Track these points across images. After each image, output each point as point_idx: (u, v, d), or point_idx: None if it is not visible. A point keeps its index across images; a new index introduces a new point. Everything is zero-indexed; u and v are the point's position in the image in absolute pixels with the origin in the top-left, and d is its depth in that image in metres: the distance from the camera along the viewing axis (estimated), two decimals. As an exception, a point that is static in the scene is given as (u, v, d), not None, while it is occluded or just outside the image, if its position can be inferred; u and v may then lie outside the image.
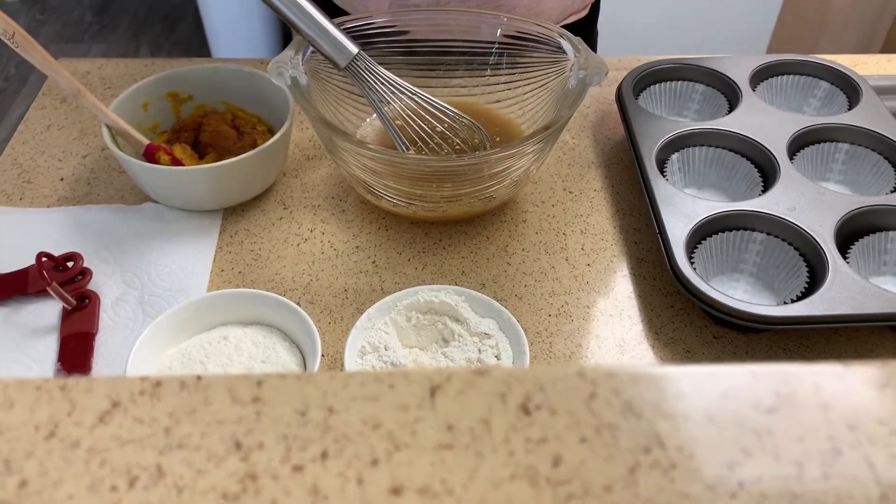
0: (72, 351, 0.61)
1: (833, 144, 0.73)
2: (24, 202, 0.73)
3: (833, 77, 0.80)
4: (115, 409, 0.22)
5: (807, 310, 0.57)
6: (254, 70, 0.75)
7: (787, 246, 0.64)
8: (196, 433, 0.21)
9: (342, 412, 0.22)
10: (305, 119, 0.82)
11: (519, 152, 0.63)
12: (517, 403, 0.22)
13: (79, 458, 0.21)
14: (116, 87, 0.86)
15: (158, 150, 0.70)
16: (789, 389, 0.22)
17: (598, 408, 0.22)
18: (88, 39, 2.47)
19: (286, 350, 0.58)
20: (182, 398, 0.22)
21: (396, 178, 0.65)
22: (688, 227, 0.63)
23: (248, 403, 0.22)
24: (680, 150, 0.73)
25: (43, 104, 0.84)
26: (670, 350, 0.61)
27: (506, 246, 0.70)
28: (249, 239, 0.70)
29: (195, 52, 2.40)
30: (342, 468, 0.21)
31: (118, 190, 0.74)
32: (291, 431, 0.21)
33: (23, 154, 0.78)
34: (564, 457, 0.21)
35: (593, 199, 0.74)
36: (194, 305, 0.59)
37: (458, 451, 0.21)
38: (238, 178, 0.69)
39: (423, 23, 0.75)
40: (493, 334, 0.58)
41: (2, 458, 0.21)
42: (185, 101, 0.76)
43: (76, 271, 0.65)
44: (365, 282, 0.66)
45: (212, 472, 0.21)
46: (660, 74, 0.81)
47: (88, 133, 0.80)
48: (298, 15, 0.62)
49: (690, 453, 0.21)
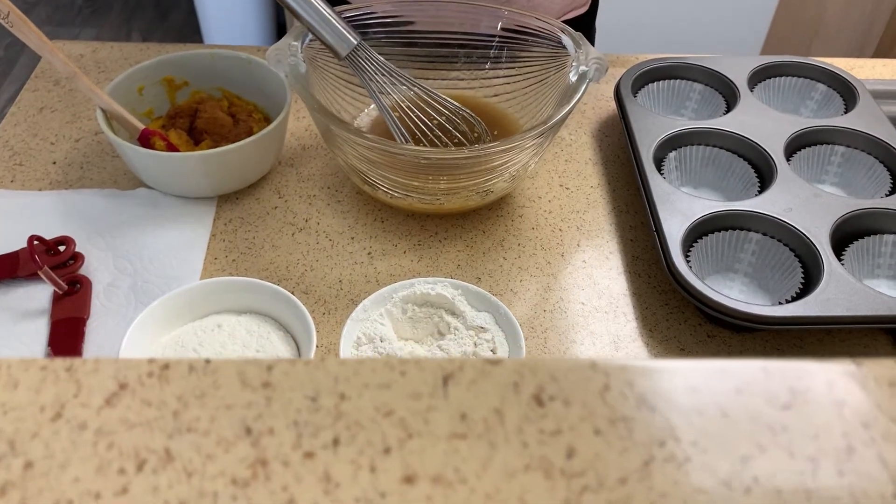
0: (62, 336, 0.60)
1: (829, 147, 0.73)
2: (15, 185, 0.72)
3: (830, 80, 0.80)
4: (122, 391, 0.21)
5: (801, 310, 0.58)
6: (251, 57, 0.74)
7: (782, 247, 0.64)
8: (205, 417, 0.21)
9: (354, 399, 0.22)
10: (302, 108, 0.82)
11: (518, 147, 0.63)
12: (530, 394, 0.22)
13: (86, 441, 0.20)
14: (111, 70, 0.85)
15: (154, 135, 0.69)
16: (803, 386, 0.22)
17: (612, 400, 0.22)
18: (80, 24, 2.44)
19: (280, 339, 0.58)
20: (191, 381, 0.22)
21: (393, 170, 0.65)
22: (684, 226, 0.63)
23: (258, 388, 0.22)
24: (677, 149, 0.73)
25: (36, 86, 0.83)
26: (664, 347, 0.61)
27: (502, 240, 0.70)
28: (244, 227, 0.69)
29: (188, 39, 2.38)
30: (354, 455, 0.20)
31: (111, 174, 0.73)
32: (302, 417, 0.21)
33: (14, 136, 0.77)
34: (578, 448, 0.21)
35: (590, 195, 0.74)
36: (188, 293, 0.58)
37: (471, 440, 0.21)
38: (233, 166, 0.68)
39: (424, 14, 0.74)
40: (489, 328, 0.58)
41: (6, 439, 0.20)
42: (181, 87, 0.76)
43: (68, 255, 0.65)
44: (360, 273, 0.66)
45: (221, 457, 0.20)
46: (658, 73, 0.81)
47: (81, 117, 0.79)
48: (300, 2, 0.62)
49: (705, 447, 0.21)
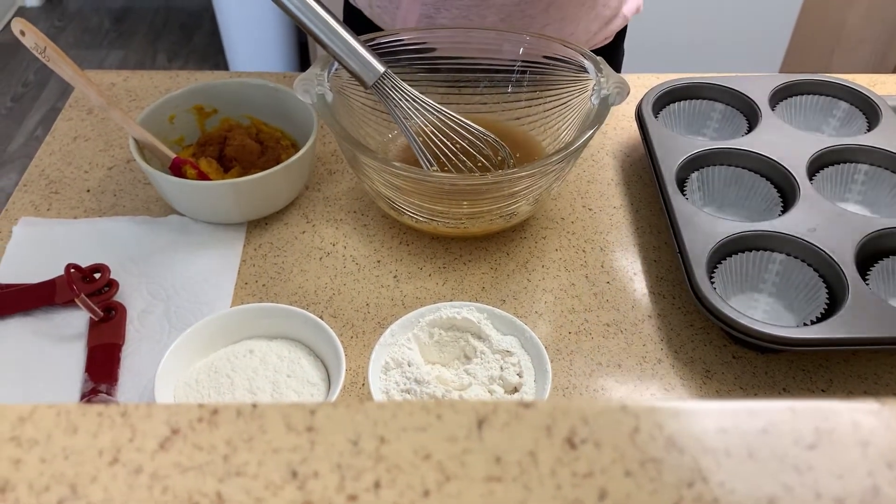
0: (99, 361, 0.62)
1: (853, 165, 0.73)
2: (51, 213, 0.74)
3: (852, 97, 0.80)
4: (174, 436, 0.23)
5: (827, 332, 0.58)
6: (278, 85, 0.76)
7: (806, 267, 0.64)
8: (253, 461, 0.22)
9: (393, 442, 0.23)
10: (328, 133, 0.83)
11: (541, 171, 0.64)
12: (563, 437, 0.23)
13: (142, 484, 0.21)
14: (141, 98, 0.87)
15: (185, 163, 0.71)
16: (828, 426, 0.23)
17: (641, 442, 0.23)
18: (107, 46, 2.49)
19: (311, 364, 0.59)
20: (238, 426, 0.23)
21: (419, 195, 0.66)
22: (708, 247, 0.64)
23: (302, 432, 0.23)
24: (699, 169, 0.73)
25: (70, 115, 0.85)
26: (689, 369, 0.62)
27: (526, 262, 0.70)
28: (273, 252, 0.71)
29: (211, 60, 2.42)
30: (395, 498, 0.21)
31: (143, 202, 0.75)
32: (345, 460, 0.22)
33: (50, 165, 0.79)
34: (610, 490, 0.22)
35: (613, 216, 0.75)
36: (221, 319, 0.60)
37: (506, 483, 0.22)
38: (263, 193, 0.70)
39: (448, 40, 0.76)
40: (514, 352, 0.59)
41: (68, 483, 0.22)
42: (210, 115, 0.77)
43: (103, 283, 0.66)
44: (386, 296, 0.67)
45: (270, 500, 0.21)
46: (679, 93, 0.81)
47: (114, 145, 0.82)
48: (327, 33, 0.63)
49: (732, 488, 0.22)
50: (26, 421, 0.23)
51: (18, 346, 0.63)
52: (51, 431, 0.23)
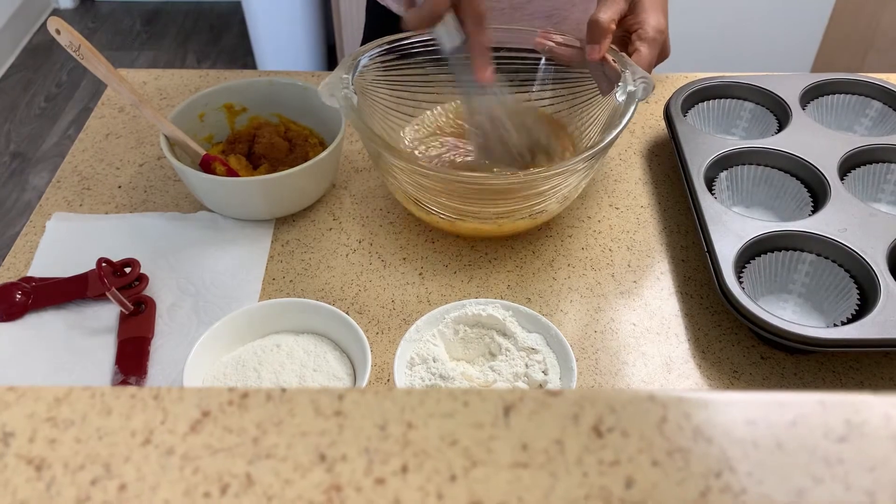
0: (129, 354, 0.63)
1: (885, 165, 0.72)
2: (83, 208, 0.75)
3: (885, 97, 0.79)
4: (205, 419, 0.23)
5: (858, 333, 0.57)
6: (307, 84, 0.77)
7: (837, 267, 0.63)
8: (282, 444, 0.22)
9: (420, 427, 0.23)
10: (355, 132, 0.84)
11: (568, 171, 0.64)
12: (589, 425, 0.23)
13: (173, 465, 0.22)
14: (172, 97, 0.89)
15: (215, 160, 0.71)
16: (859, 419, 0.23)
17: (669, 431, 0.23)
18: (138, 47, 2.53)
19: (336, 359, 0.60)
20: (268, 409, 0.23)
21: (445, 194, 0.66)
22: (736, 246, 0.63)
23: (330, 416, 0.23)
24: (728, 169, 0.73)
25: (102, 113, 0.87)
26: (717, 370, 0.61)
27: (552, 261, 0.70)
28: (300, 248, 0.71)
29: (240, 62, 2.45)
30: (422, 482, 0.22)
31: (173, 198, 0.76)
32: (373, 445, 0.22)
33: (83, 162, 0.80)
34: (637, 479, 0.22)
35: (640, 215, 0.75)
36: (248, 313, 0.60)
37: (533, 469, 0.22)
38: (291, 190, 0.71)
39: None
40: (540, 349, 0.59)
41: (102, 462, 0.22)
42: (240, 113, 0.78)
43: (133, 277, 0.67)
44: (412, 293, 0.68)
45: (298, 482, 0.22)
46: (708, 92, 0.81)
47: (145, 142, 0.83)
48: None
49: (760, 479, 0.22)
50: (62, 402, 0.24)
51: (51, 338, 0.64)
52: (86, 412, 0.24)
